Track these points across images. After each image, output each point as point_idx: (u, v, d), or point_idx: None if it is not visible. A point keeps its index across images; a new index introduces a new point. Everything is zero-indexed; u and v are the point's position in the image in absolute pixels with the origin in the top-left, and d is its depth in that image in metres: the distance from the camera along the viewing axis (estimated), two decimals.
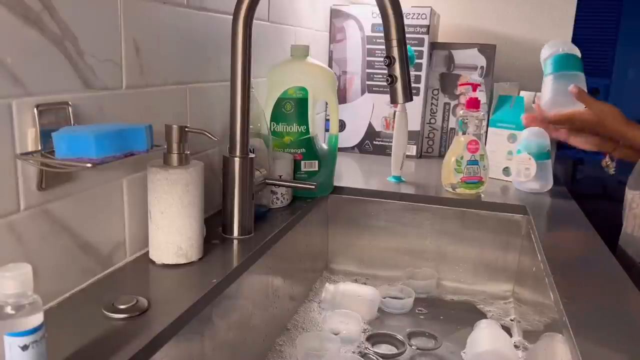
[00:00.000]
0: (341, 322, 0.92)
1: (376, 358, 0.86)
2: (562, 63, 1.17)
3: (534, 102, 1.28)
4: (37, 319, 0.42)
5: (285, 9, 1.17)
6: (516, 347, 0.87)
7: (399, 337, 0.91)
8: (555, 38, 1.56)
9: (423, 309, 1.03)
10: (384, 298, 1.02)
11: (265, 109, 0.98)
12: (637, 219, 0.95)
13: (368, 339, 0.90)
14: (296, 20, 1.23)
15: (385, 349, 0.89)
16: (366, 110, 1.49)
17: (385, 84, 1.40)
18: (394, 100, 0.79)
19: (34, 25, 0.54)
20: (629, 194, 0.99)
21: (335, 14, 1.47)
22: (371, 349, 0.88)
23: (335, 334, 0.88)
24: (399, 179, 1.20)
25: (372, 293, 1.00)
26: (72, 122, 0.59)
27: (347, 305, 0.98)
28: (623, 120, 1.07)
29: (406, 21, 1.31)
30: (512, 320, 0.98)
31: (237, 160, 0.81)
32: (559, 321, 0.64)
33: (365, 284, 1.10)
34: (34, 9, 0.54)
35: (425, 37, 1.41)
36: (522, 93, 1.28)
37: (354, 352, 0.86)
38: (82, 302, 0.61)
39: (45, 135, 0.55)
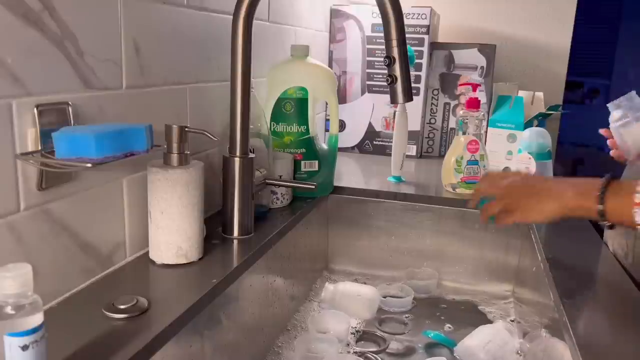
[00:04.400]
0: (329, 322, 0.92)
1: (373, 357, 0.86)
2: None
3: (532, 102, 1.28)
4: (37, 319, 0.42)
5: (285, 9, 1.17)
6: (518, 353, 0.87)
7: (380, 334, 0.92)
8: (555, 38, 1.56)
9: (423, 308, 1.02)
10: (384, 297, 1.02)
11: (265, 109, 0.98)
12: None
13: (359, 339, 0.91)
14: (296, 20, 1.23)
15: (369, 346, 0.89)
16: (366, 110, 1.49)
17: (385, 84, 1.40)
18: (394, 100, 0.79)
19: (34, 25, 0.54)
20: None
21: (335, 14, 1.47)
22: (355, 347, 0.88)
23: (323, 334, 0.88)
24: (399, 179, 1.20)
25: (371, 292, 1.00)
26: (72, 122, 0.59)
27: (346, 304, 0.98)
28: None
29: (406, 21, 1.31)
30: (512, 320, 0.98)
31: (237, 160, 0.81)
32: (559, 321, 0.64)
33: (365, 283, 1.10)
34: (34, 9, 0.54)
35: (425, 37, 1.41)
36: (521, 93, 1.28)
37: (349, 352, 0.87)
38: (82, 302, 0.61)
39: (45, 135, 0.55)
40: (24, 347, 0.42)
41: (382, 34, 0.78)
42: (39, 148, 0.55)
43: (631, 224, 0.64)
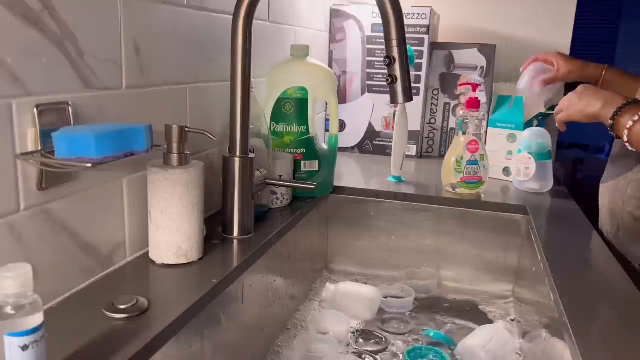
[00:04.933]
0: (329, 322, 0.92)
1: (374, 357, 0.86)
2: None
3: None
4: (37, 319, 0.42)
5: (285, 9, 1.17)
6: (518, 353, 0.87)
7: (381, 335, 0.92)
8: (555, 38, 1.56)
9: (423, 308, 1.02)
10: (385, 297, 1.02)
11: (265, 109, 0.98)
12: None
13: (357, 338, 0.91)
14: (296, 20, 1.23)
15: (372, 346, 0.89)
16: (366, 110, 1.49)
17: (385, 84, 1.40)
18: (394, 100, 0.79)
19: (34, 25, 0.54)
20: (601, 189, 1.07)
21: (335, 14, 1.47)
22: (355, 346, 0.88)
23: (323, 334, 0.88)
24: (399, 179, 1.20)
25: (372, 292, 1.00)
26: (72, 122, 0.59)
27: (347, 304, 0.98)
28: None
29: (406, 21, 1.31)
30: (512, 320, 0.98)
31: (237, 160, 0.81)
32: (559, 321, 0.64)
33: (365, 283, 1.10)
34: (34, 9, 0.54)
35: (425, 37, 1.41)
36: None
37: (348, 352, 0.87)
38: (82, 302, 0.61)
39: (45, 135, 0.55)
40: (24, 347, 0.42)
41: (382, 34, 0.78)
42: (39, 148, 0.55)
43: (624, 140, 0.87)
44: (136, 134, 0.59)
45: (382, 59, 1.32)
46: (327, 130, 1.50)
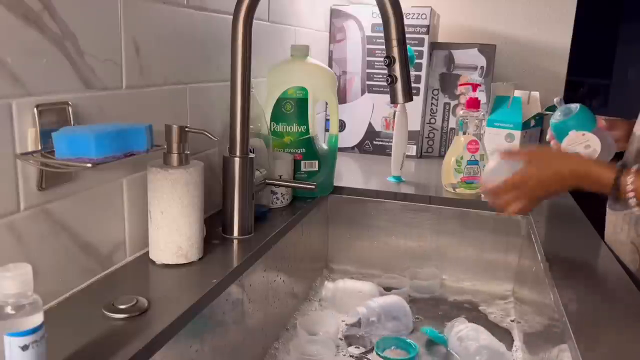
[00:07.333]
0: (321, 323, 0.92)
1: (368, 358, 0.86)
2: None
3: (528, 102, 1.28)
4: (37, 319, 0.42)
5: (285, 9, 1.17)
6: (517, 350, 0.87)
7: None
8: (555, 38, 1.57)
9: (423, 308, 1.02)
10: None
11: (265, 109, 0.98)
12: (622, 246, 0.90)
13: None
14: (296, 20, 1.23)
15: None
16: (366, 110, 1.49)
17: (385, 84, 1.40)
18: (394, 100, 0.79)
19: (34, 25, 0.54)
20: (611, 216, 0.95)
21: (335, 14, 1.47)
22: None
23: (313, 335, 0.88)
24: (399, 179, 1.20)
25: (371, 289, 1.00)
26: (72, 122, 0.59)
27: (347, 302, 0.98)
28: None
29: (406, 21, 1.31)
30: (512, 320, 0.98)
31: (237, 160, 0.81)
32: (559, 321, 0.64)
33: None
34: (34, 9, 0.54)
35: (425, 37, 1.41)
36: (517, 92, 1.28)
37: (344, 355, 0.86)
38: (82, 302, 0.61)
39: (45, 135, 0.55)
40: (24, 347, 0.42)
41: (382, 34, 0.78)
42: (39, 148, 0.55)
43: None
44: (136, 134, 0.59)
45: (382, 59, 1.32)
46: (327, 130, 1.50)
